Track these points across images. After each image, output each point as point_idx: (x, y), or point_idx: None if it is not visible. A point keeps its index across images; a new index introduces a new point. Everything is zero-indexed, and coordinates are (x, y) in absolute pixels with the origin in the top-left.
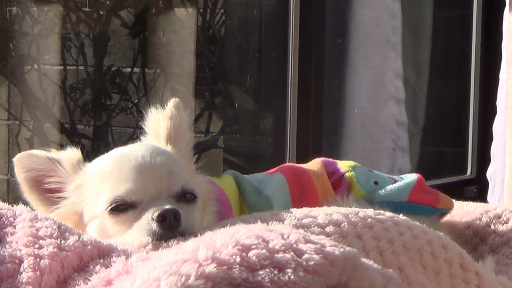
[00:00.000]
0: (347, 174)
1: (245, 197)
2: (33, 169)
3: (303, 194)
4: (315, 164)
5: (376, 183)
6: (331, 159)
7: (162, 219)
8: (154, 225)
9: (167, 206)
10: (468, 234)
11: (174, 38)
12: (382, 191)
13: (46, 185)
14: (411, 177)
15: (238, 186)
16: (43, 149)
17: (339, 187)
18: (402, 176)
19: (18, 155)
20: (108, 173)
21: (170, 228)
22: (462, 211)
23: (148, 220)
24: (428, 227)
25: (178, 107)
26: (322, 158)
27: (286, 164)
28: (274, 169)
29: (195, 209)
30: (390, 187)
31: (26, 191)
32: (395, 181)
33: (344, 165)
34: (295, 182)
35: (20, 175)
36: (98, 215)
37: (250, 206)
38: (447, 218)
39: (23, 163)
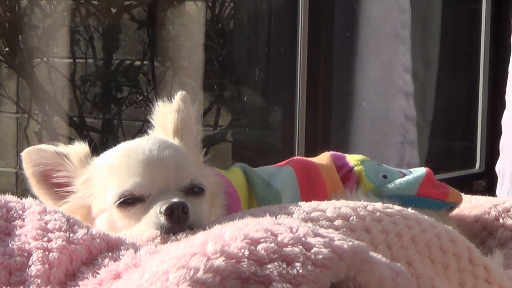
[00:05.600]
0: (355, 168)
1: (254, 189)
2: (41, 163)
3: (312, 187)
4: (324, 158)
5: (385, 176)
6: (339, 153)
7: (170, 212)
8: (162, 218)
9: (175, 199)
10: (476, 228)
11: (183, 32)
12: (391, 185)
13: (54, 180)
14: (420, 171)
15: (247, 178)
16: (51, 143)
17: (347, 181)
18: (411, 170)
19: (26, 150)
20: (116, 167)
21: (178, 221)
22: (471, 205)
23: (156, 214)
24: (436, 221)
25: (185, 100)
26: (331, 152)
27: (295, 158)
28: (283, 162)
29: (203, 202)
30: (399, 180)
31: (34, 186)
32: (404, 175)
33: (352, 159)
34: (304, 176)
35: (28, 170)
36: (107, 209)
37: (259, 199)
38: (455, 212)
39: (31, 157)
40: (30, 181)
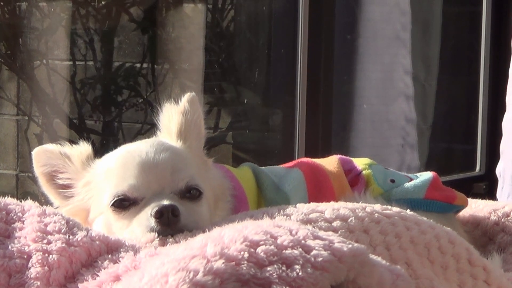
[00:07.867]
0: (364, 172)
1: (263, 191)
2: (48, 164)
3: (320, 192)
4: (332, 163)
5: (392, 181)
6: (347, 157)
7: (159, 215)
8: (152, 221)
9: (166, 202)
10: (476, 233)
11: (183, 34)
12: (399, 189)
13: (59, 181)
14: (426, 175)
15: (257, 180)
16: (58, 143)
17: (356, 184)
18: (417, 174)
19: (35, 150)
20: (113, 170)
21: (168, 224)
22: (471, 210)
23: (147, 216)
24: (444, 224)
25: (192, 101)
26: (339, 156)
27: (304, 160)
28: (292, 163)
29: (201, 206)
30: (406, 184)
31: (44, 185)
32: (411, 179)
33: (360, 163)
34: (313, 180)
35: (37, 170)
36: (103, 211)
37: (268, 202)
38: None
39: (40, 157)
40: (39, 180)
